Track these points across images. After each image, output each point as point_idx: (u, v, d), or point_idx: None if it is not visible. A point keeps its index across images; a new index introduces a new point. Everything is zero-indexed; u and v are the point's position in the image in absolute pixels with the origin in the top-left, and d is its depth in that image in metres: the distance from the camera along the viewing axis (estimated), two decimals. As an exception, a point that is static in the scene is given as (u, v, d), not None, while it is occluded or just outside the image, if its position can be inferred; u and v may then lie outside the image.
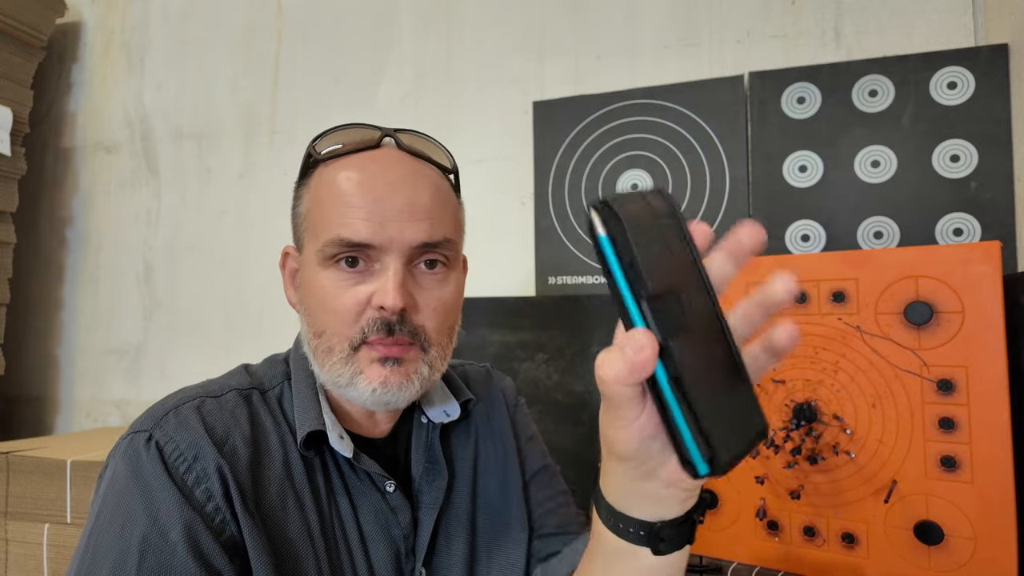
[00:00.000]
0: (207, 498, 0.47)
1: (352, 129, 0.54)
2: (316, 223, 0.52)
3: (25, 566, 1.13)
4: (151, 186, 1.59)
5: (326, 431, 0.53)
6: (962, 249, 0.70)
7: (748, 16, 1.17)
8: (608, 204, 0.32)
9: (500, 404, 0.69)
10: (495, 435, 0.67)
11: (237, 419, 0.52)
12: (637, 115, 1.21)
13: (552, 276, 1.26)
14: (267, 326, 1.47)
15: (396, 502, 0.55)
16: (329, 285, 0.51)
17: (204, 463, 0.47)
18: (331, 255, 0.50)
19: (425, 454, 0.60)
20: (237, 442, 0.50)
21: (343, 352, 0.51)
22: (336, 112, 1.44)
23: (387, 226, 0.50)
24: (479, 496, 0.62)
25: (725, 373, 0.32)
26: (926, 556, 0.71)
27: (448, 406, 0.62)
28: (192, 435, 0.48)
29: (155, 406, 0.52)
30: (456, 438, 0.64)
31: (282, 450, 0.53)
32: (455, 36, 1.37)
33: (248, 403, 0.54)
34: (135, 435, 0.48)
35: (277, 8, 1.51)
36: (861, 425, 0.75)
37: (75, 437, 1.37)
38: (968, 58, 1.01)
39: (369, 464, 0.55)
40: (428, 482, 0.58)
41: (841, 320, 0.76)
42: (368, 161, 0.52)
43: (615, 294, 0.32)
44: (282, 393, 0.57)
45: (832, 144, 1.08)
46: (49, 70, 1.67)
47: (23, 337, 1.65)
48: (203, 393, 0.53)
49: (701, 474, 0.30)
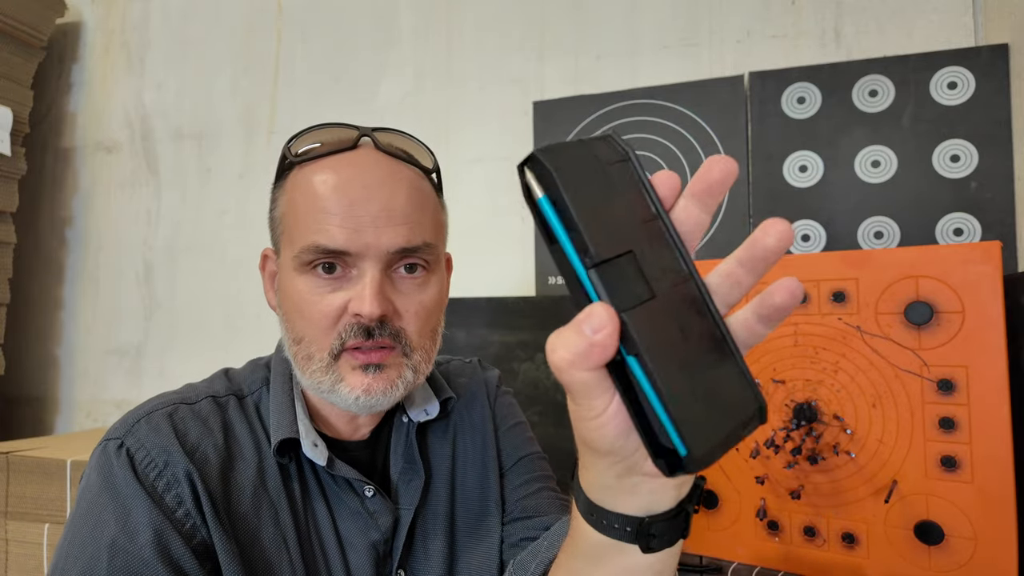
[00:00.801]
0: (177, 503, 0.46)
1: (328, 129, 0.53)
2: (291, 228, 0.51)
3: (25, 566, 1.13)
4: (151, 186, 1.59)
5: (299, 438, 0.52)
6: (962, 249, 0.70)
7: (748, 16, 1.17)
8: (540, 159, 0.26)
9: (482, 395, 0.68)
10: (475, 427, 0.65)
11: (209, 427, 0.51)
12: (637, 115, 1.21)
13: (552, 276, 1.26)
14: (267, 326, 1.47)
15: (375, 506, 0.55)
16: (306, 291, 0.50)
17: (174, 469, 0.47)
18: (307, 261, 0.50)
19: (403, 454, 0.59)
20: (208, 450, 0.50)
21: (323, 360, 0.50)
22: (336, 112, 1.44)
23: (363, 232, 0.48)
24: (457, 492, 0.61)
25: (704, 347, 0.27)
26: (926, 556, 0.71)
27: (429, 405, 0.61)
28: (163, 441, 0.48)
29: (129, 413, 0.51)
30: (433, 435, 0.63)
31: (257, 456, 0.52)
32: (455, 36, 1.37)
33: (223, 410, 0.53)
34: (108, 442, 0.49)
35: (277, 8, 1.51)
36: (861, 425, 0.75)
37: (75, 437, 1.37)
38: (968, 58, 1.01)
39: (346, 470, 0.54)
40: (405, 483, 0.58)
41: (841, 320, 0.76)
42: (344, 164, 0.51)
43: (563, 266, 0.27)
44: (260, 398, 0.56)
45: (832, 144, 1.08)
46: (49, 70, 1.67)
47: (23, 337, 1.65)
48: (178, 400, 0.53)
49: (675, 471, 0.26)
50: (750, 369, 0.28)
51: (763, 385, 0.81)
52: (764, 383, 0.81)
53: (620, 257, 0.26)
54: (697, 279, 0.28)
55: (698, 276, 0.28)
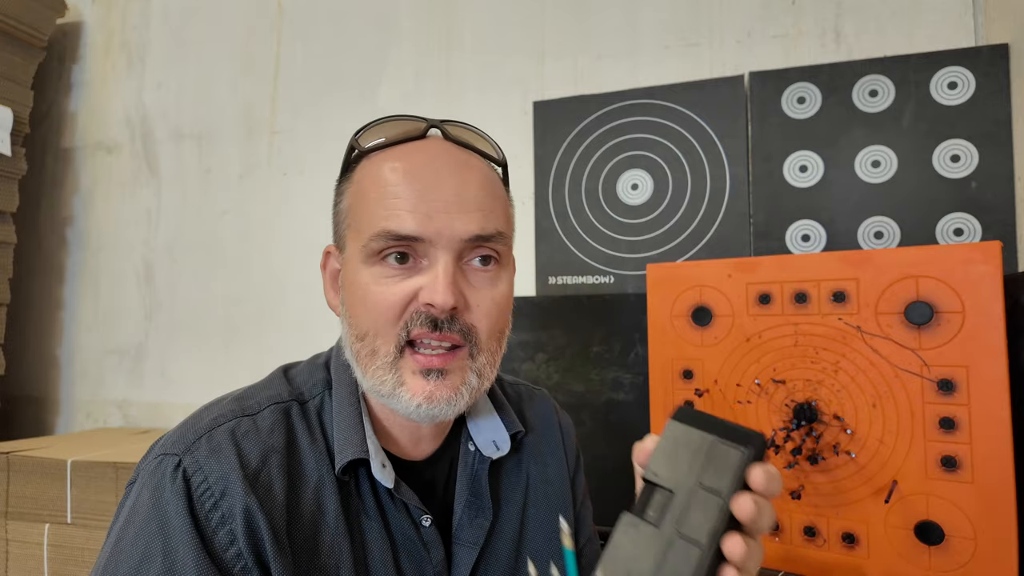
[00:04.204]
0: (230, 541, 0.44)
1: (396, 121, 0.51)
2: (359, 218, 0.49)
3: (25, 566, 1.13)
4: (151, 186, 1.59)
5: (368, 458, 0.49)
6: (962, 249, 0.70)
7: (748, 16, 1.17)
8: (689, 407, 0.41)
9: (558, 448, 0.64)
10: (550, 483, 0.61)
11: (274, 442, 0.48)
12: (637, 115, 1.21)
13: (552, 276, 1.26)
14: (267, 326, 1.47)
15: (429, 537, 0.51)
16: (372, 282, 0.47)
17: (231, 501, 0.44)
18: (376, 250, 0.47)
19: (469, 486, 0.55)
20: (272, 471, 0.47)
21: (387, 356, 0.47)
22: (336, 112, 1.44)
23: (435, 218, 0.46)
24: (523, 548, 0.57)
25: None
26: (926, 556, 0.71)
27: (497, 435, 0.57)
28: (223, 467, 0.45)
29: (189, 424, 0.48)
30: (506, 476, 0.59)
31: (317, 472, 0.49)
32: (455, 36, 1.37)
33: (286, 418, 0.50)
34: (164, 457, 0.46)
35: (277, 8, 1.51)
36: (861, 425, 0.75)
37: (75, 437, 1.37)
38: (968, 58, 1.01)
39: (408, 495, 0.51)
40: (470, 518, 0.54)
41: (841, 320, 0.76)
42: (414, 151, 0.50)
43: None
44: (322, 404, 0.53)
45: (832, 144, 1.08)
46: (49, 70, 1.67)
47: (23, 337, 1.65)
48: (240, 411, 0.49)
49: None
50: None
51: (763, 385, 0.81)
52: (764, 383, 0.81)
53: (662, 488, 0.38)
54: (704, 552, 0.35)
55: (706, 550, 0.35)
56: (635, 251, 1.21)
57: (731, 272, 0.83)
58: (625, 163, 1.22)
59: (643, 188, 1.20)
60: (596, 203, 1.23)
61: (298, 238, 1.46)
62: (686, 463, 0.38)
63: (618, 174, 1.22)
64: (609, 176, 1.23)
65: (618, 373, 1.11)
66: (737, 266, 0.83)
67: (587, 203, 1.24)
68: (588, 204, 1.24)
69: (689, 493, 0.37)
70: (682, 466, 0.38)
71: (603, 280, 1.22)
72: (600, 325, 1.13)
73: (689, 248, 1.17)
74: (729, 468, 0.37)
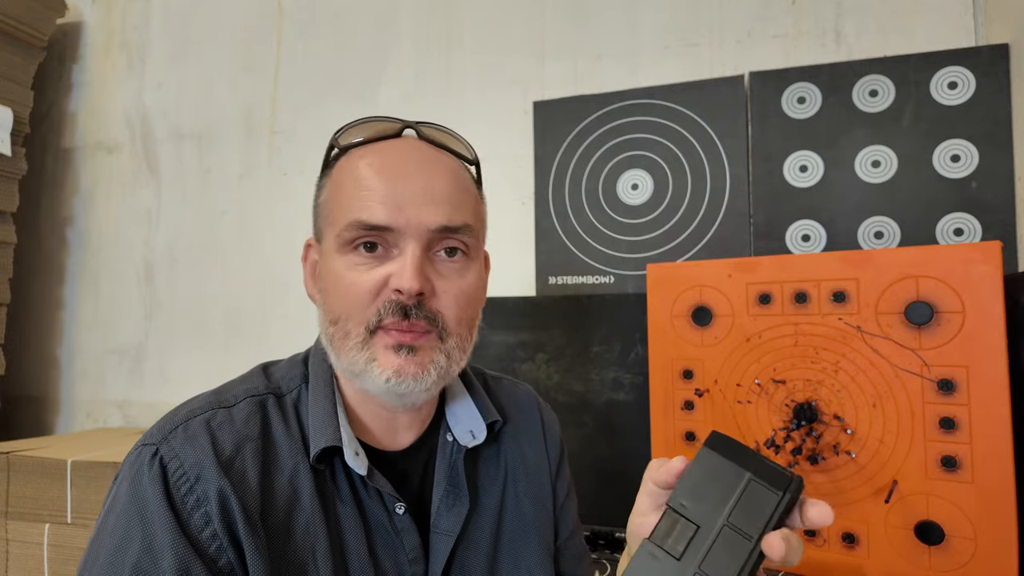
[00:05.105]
0: (204, 523, 0.45)
1: (373, 122, 0.54)
2: (335, 210, 0.52)
3: (25, 566, 1.13)
4: (151, 186, 1.59)
5: (342, 446, 0.51)
6: (963, 249, 0.70)
7: (748, 16, 1.17)
8: (719, 434, 0.40)
9: (539, 441, 0.66)
10: (530, 476, 0.63)
11: (249, 431, 0.50)
12: (637, 115, 1.21)
13: (552, 276, 1.26)
14: (267, 326, 1.47)
15: (403, 524, 0.53)
16: (345, 269, 0.50)
17: (205, 485, 0.46)
18: (349, 240, 0.50)
19: (447, 475, 0.57)
20: (246, 458, 0.49)
21: (359, 336, 0.49)
22: (336, 112, 1.44)
23: (405, 209, 0.49)
24: (502, 538, 0.59)
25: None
26: (926, 556, 0.71)
27: (475, 425, 0.59)
28: (197, 453, 0.47)
29: (167, 416, 0.51)
30: (484, 466, 0.61)
31: (292, 461, 0.51)
32: (455, 36, 1.37)
33: (262, 410, 0.52)
34: (143, 448, 0.48)
35: (277, 8, 1.51)
36: (861, 425, 0.75)
37: (75, 437, 1.37)
38: (968, 58, 1.01)
39: (381, 483, 0.52)
40: (447, 507, 0.56)
41: (842, 320, 0.76)
42: (387, 148, 0.53)
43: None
44: (299, 397, 0.55)
45: (832, 144, 1.08)
46: (49, 70, 1.67)
47: (23, 337, 1.65)
48: (216, 403, 0.52)
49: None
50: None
51: (763, 385, 0.81)
52: (764, 383, 0.81)
53: (687, 520, 0.37)
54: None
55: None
56: (635, 251, 1.21)
57: (731, 272, 0.83)
58: (625, 163, 1.22)
59: (643, 188, 1.21)
60: (596, 203, 1.23)
61: (298, 238, 1.46)
62: (717, 498, 0.37)
63: (618, 174, 1.22)
64: (609, 176, 1.23)
65: (618, 373, 1.11)
66: (737, 266, 0.83)
67: (587, 203, 1.24)
68: (588, 204, 1.24)
69: (717, 531, 0.36)
70: (712, 500, 0.37)
71: (603, 280, 1.22)
72: (600, 325, 1.13)
73: (689, 248, 1.17)
74: (764, 514, 0.36)
